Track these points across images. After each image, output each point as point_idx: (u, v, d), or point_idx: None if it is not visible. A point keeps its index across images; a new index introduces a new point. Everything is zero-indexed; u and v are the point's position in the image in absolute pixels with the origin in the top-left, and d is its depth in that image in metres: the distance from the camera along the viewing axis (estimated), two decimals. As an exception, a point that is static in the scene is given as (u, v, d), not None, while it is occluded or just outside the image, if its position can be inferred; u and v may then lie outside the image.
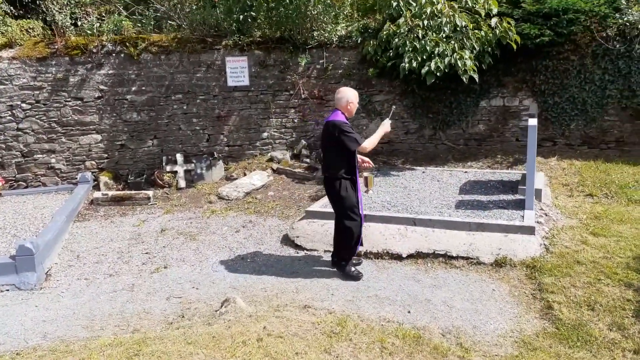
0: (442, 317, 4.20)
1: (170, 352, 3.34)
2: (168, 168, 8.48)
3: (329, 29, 8.76)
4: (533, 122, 5.59)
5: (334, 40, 8.70)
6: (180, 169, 8.45)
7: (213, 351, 3.36)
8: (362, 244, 5.20)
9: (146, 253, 6.01)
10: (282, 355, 3.34)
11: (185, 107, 8.64)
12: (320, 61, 8.77)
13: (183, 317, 4.41)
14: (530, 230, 5.27)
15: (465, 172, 7.78)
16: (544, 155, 8.05)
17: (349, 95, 4.83)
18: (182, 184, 8.31)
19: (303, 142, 8.98)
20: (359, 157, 5.02)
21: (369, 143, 4.81)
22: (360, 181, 5.07)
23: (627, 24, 7.59)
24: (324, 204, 6.42)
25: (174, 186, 8.32)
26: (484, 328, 4.02)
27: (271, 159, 8.83)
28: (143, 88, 8.43)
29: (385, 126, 5.00)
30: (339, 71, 8.82)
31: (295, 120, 9.01)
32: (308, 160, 8.71)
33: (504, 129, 8.68)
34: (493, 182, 7.09)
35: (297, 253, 5.71)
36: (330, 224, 5.86)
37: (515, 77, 8.37)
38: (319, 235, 5.78)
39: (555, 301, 4.30)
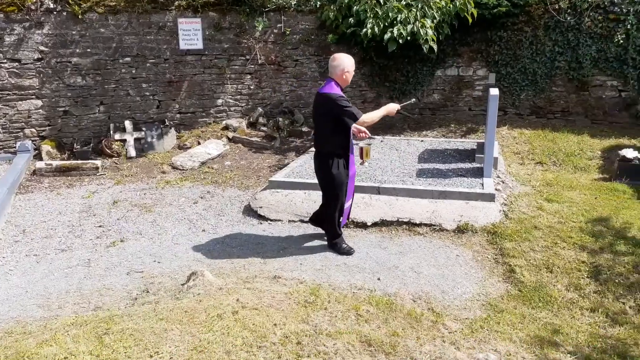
0: (411, 283, 4.27)
1: (142, 329, 3.20)
2: (117, 136, 8.04)
3: (287, -8, 8.48)
4: (494, 92, 5.69)
5: (293, 3, 8.44)
6: (129, 137, 8.03)
7: (188, 326, 3.25)
8: (347, 219, 5.04)
9: (100, 226, 5.71)
10: (260, 327, 3.28)
11: (134, 71, 8.16)
12: (278, 25, 8.51)
13: (148, 292, 4.23)
14: (490, 198, 5.44)
15: (422, 141, 7.89)
16: (496, 125, 8.27)
17: (345, 64, 4.41)
18: (132, 153, 7.92)
19: (260, 109, 8.76)
20: (355, 127, 4.64)
21: (369, 118, 4.49)
22: (356, 152, 4.78)
23: (579, -4, 7.84)
24: (287, 174, 6.33)
25: (123, 155, 7.92)
26: (452, 292, 4.13)
27: (226, 127, 8.57)
28: (88, 50, 7.85)
29: (390, 108, 4.69)
30: (297, 36, 8.60)
31: (252, 87, 8.75)
32: (265, 128, 8.53)
33: (457, 99, 8.84)
34: (450, 151, 7.23)
35: (261, 224, 5.61)
36: (295, 194, 5.82)
37: (470, 47, 8.48)
38: (283, 206, 5.70)
39: (516, 265, 4.48)
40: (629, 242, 4.61)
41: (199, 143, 8.16)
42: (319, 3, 8.35)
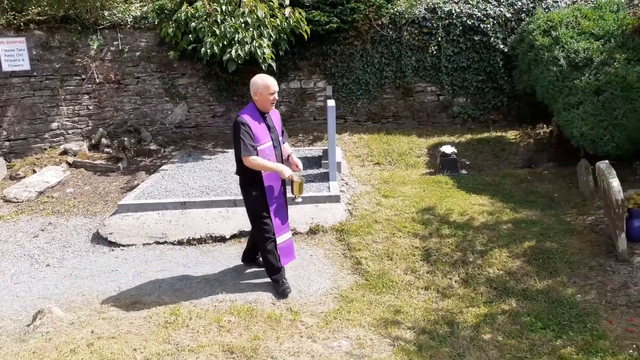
0: (270, 288, 4.48)
1: (-18, 380, 2.95)
2: None
3: (121, 9, 8.19)
4: (331, 103, 6.20)
5: (129, 20, 8.20)
6: (-54, 172, 7.08)
7: (38, 367, 3.07)
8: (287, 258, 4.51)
9: None
10: (119, 354, 3.23)
11: (-54, 98, 7.22)
12: (115, 43, 8.19)
13: (-14, 340, 3.85)
14: (336, 199, 5.92)
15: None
16: (338, 132, 8.93)
17: (256, 84, 4.06)
18: (-49, 189, 6.99)
19: (102, 130, 8.32)
20: (293, 160, 4.36)
21: (255, 161, 4.00)
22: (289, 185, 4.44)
23: (397, 13, 8.83)
24: (137, 195, 6.15)
25: (-60, 193, 6.95)
26: (308, 290, 4.45)
27: (65, 152, 7.99)
28: None
29: (282, 168, 4.12)
30: (137, 53, 8.36)
31: (91, 108, 8.28)
32: (110, 150, 8.13)
33: (302, 110, 9.35)
34: (299, 159, 7.63)
35: (113, 250, 5.39)
36: (147, 216, 5.71)
37: (309, 61, 9.05)
38: (136, 229, 5.55)
39: (362, 257, 4.96)
40: (451, 225, 5.39)
41: (34, 171, 7.49)
42: (157, 20, 8.23)
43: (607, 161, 4.88)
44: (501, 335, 3.76)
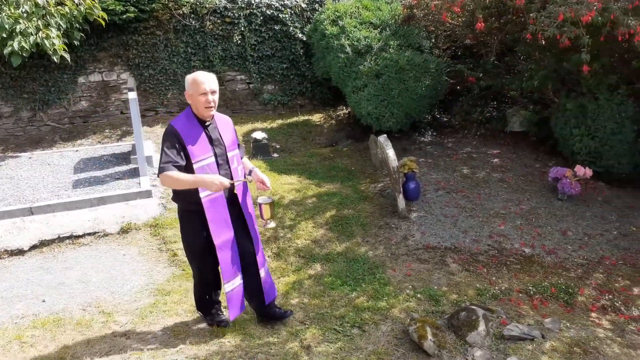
0: (79, 294, 4.31)
1: None
2: None
3: None
4: (133, 95, 6.04)
5: None
6: None
7: None
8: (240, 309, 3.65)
9: None
10: None
11: None
12: None
13: None
14: (147, 194, 5.83)
15: (77, 150, 7.66)
16: (150, 124, 8.70)
17: (186, 83, 3.28)
18: None
19: None
20: (257, 176, 3.47)
21: (169, 178, 3.13)
22: (255, 209, 3.71)
23: (198, 3, 8.80)
24: None
25: None
26: (122, 290, 4.37)
27: None
28: None
29: (208, 179, 3.14)
30: None
31: None
32: None
33: (107, 104, 8.84)
34: (106, 156, 7.28)
35: None
36: None
37: (109, 52, 8.55)
38: None
39: (178, 248, 5.00)
40: (263, 206, 5.73)
41: None
42: None
43: (385, 135, 5.69)
44: (307, 298, 4.20)
